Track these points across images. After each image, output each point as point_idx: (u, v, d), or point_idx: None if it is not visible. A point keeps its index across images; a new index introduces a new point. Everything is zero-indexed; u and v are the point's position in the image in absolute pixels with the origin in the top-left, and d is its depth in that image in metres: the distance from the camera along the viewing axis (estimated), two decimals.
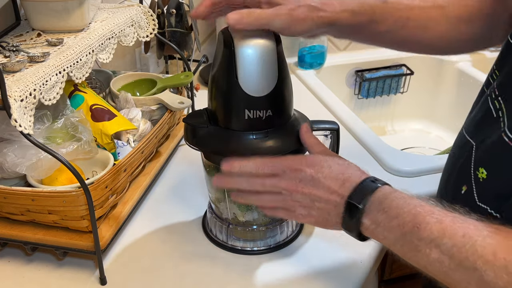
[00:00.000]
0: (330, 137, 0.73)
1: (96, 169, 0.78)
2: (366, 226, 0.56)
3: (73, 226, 0.69)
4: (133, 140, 0.84)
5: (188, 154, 0.95)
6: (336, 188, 0.58)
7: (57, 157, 0.61)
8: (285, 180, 0.60)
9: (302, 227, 0.78)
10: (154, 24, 0.90)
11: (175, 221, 0.80)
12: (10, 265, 0.72)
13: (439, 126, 1.43)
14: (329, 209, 0.59)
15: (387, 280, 1.01)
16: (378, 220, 0.54)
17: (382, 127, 1.47)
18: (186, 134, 0.70)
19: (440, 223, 0.50)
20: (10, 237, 0.71)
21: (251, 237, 0.74)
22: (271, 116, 0.65)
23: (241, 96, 0.63)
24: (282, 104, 0.67)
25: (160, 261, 0.72)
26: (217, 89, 0.66)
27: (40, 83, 0.62)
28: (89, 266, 0.71)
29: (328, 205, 0.58)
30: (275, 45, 0.63)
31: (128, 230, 0.78)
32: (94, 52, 0.75)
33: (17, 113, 0.57)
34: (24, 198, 0.66)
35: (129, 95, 0.89)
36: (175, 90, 0.96)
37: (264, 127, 0.66)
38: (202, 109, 0.71)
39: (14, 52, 0.69)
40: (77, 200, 0.65)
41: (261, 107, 0.64)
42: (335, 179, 0.59)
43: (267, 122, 0.65)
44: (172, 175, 0.91)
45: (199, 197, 0.85)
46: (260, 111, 0.64)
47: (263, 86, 0.64)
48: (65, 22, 0.76)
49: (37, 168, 0.69)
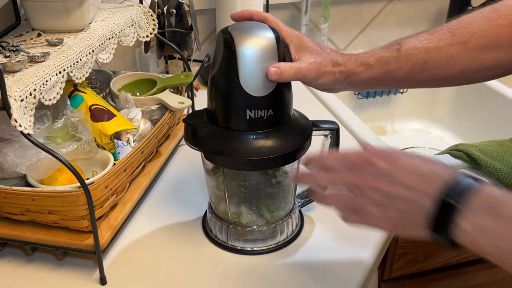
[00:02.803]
0: (330, 137, 0.73)
1: (96, 169, 0.78)
2: (466, 232, 0.47)
3: (73, 226, 0.69)
4: (133, 140, 0.84)
5: (188, 154, 0.95)
6: (416, 183, 0.51)
7: (57, 157, 0.61)
8: (357, 176, 0.54)
9: (302, 227, 0.78)
10: (154, 24, 0.90)
11: (175, 221, 0.80)
12: (10, 265, 0.72)
13: (439, 126, 1.43)
14: (412, 210, 0.51)
15: (387, 280, 1.01)
16: (485, 224, 0.46)
17: (382, 127, 1.47)
18: (186, 134, 0.70)
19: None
20: (10, 237, 0.71)
21: (251, 237, 0.74)
22: (272, 115, 0.65)
23: (243, 96, 0.63)
24: (283, 104, 0.67)
25: (160, 261, 0.72)
26: (218, 89, 0.66)
27: (40, 83, 0.62)
28: (89, 266, 0.71)
29: (410, 205, 0.51)
30: (276, 44, 0.64)
31: (128, 230, 0.78)
32: (94, 52, 0.75)
33: (17, 113, 0.57)
34: (24, 198, 0.66)
35: (129, 95, 0.89)
36: (175, 90, 0.96)
37: (265, 127, 0.66)
38: (202, 109, 0.71)
39: (14, 52, 0.69)
40: (77, 200, 0.65)
41: (262, 106, 0.64)
42: (415, 173, 0.51)
43: (267, 122, 0.65)
44: (172, 175, 0.91)
45: (199, 197, 0.85)
46: (261, 111, 0.64)
47: (264, 86, 0.64)
48: (65, 22, 0.76)
49: (37, 168, 0.69)
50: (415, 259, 1.00)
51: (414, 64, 0.69)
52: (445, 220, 0.48)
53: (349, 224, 0.58)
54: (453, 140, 1.36)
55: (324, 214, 0.80)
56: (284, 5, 1.34)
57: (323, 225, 0.78)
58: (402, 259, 0.99)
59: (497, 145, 0.92)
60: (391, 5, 1.44)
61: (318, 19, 1.28)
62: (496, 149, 0.90)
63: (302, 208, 0.80)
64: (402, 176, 0.51)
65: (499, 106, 1.26)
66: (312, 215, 0.80)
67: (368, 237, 0.76)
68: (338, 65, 0.68)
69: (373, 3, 1.43)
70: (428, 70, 0.69)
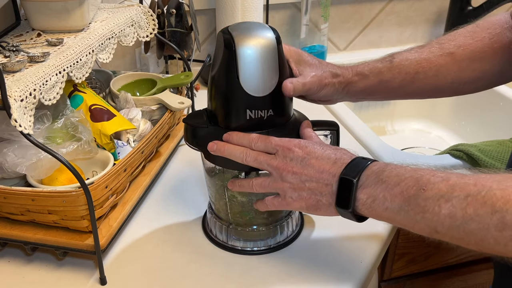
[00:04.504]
0: (330, 137, 0.73)
1: (96, 169, 0.78)
2: (363, 202, 0.56)
3: (73, 226, 0.69)
4: (133, 140, 0.84)
5: (188, 154, 0.95)
6: (327, 167, 0.59)
7: (57, 157, 0.61)
8: (276, 159, 0.61)
9: (302, 227, 0.78)
10: (154, 24, 0.90)
11: (175, 221, 0.80)
12: (10, 265, 0.72)
13: (439, 126, 1.43)
14: (321, 188, 0.59)
15: (387, 280, 1.01)
16: (376, 192, 0.54)
17: (382, 127, 1.47)
18: (186, 134, 0.70)
19: (447, 181, 0.50)
20: (10, 237, 0.71)
21: (251, 237, 0.74)
22: (272, 115, 0.65)
23: (243, 96, 0.63)
24: (283, 103, 0.67)
25: (160, 261, 0.72)
26: (218, 89, 0.66)
27: (40, 83, 0.62)
28: (89, 266, 0.71)
29: (319, 184, 0.59)
30: (276, 44, 0.64)
31: (128, 230, 0.78)
32: (94, 52, 0.75)
33: (17, 113, 0.57)
34: (24, 198, 0.66)
35: (129, 95, 0.89)
36: (175, 90, 0.96)
37: (265, 127, 0.66)
38: (202, 109, 0.71)
39: (14, 52, 0.69)
40: (77, 200, 0.65)
41: (263, 107, 0.64)
42: (326, 159, 0.60)
43: (268, 122, 0.65)
44: (172, 175, 0.91)
45: (199, 197, 0.85)
46: (261, 111, 0.64)
47: (264, 86, 0.64)
48: (65, 22, 0.76)
49: (37, 168, 0.69)
50: (415, 259, 1.00)
51: (406, 74, 0.73)
52: (346, 194, 0.56)
53: (270, 207, 0.65)
54: (453, 140, 1.36)
55: None
56: (284, 5, 1.33)
57: (323, 225, 0.78)
58: (402, 259, 0.99)
59: (497, 145, 0.92)
60: (391, 5, 1.44)
61: (318, 19, 1.28)
62: (496, 149, 0.91)
63: None
64: (315, 162, 0.60)
65: (499, 106, 1.26)
66: (312, 215, 0.80)
67: (368, 237, 0.76)
68: (337, 76, 0.73)
69: (373, 3, 1.43)
70: (420, 80, 0.74)
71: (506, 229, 0.45)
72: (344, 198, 0.57)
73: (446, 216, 0.49)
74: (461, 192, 0.48)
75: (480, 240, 0.47)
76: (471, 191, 0.47)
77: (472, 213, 0.47)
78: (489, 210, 0.46)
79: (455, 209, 0.48)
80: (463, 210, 0.47)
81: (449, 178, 0.50)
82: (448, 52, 0.73)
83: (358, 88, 0.74)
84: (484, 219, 0.46)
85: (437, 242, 0.53)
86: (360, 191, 0.56)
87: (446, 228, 0.49)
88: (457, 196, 0.48)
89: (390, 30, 1.47)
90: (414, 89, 0.75)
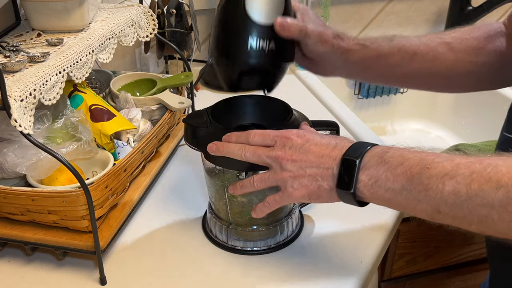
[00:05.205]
0: None
1: (96, 169, 0.78)
2: (365, 183, 0.55)
3: (73, 226, 0.69)
4: (133, 140, 0.84)
5: (188, 154, 0.95)
6: (327, 152, 0.58)
7: (57, 157, 0.61)
8: (275, 150, 0.61)
9: (302, 227, 0.78)
10: (154, 24, 0.90)
11: (175, 221, 0.80)
12: (10, 265, 0.72)
13: (439, 126, 1.43)
14: (321, 173, 0.58)
15: (387, 280, 1.01)
16: (379, 173, 0.54)
17: (382, 127, 1.47)
18: (186, 134, 0.70)
19: (452, 160, 0.49)
20: (10, 237, 0.71)
21: (251, 237, 0.74)
22: (274, 51, 0.65)
23: (247, 21, 0.63)
24: (286, 40, 0.66)
25: (160, 261, 0.72)
26: (223, 15, 0.66)
27: (40, 83, 0.62)
28: (89, 266, 0.71)
29: (320, 170, 0.58)
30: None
31: (128, 230, 0.78)
32: (94, 52, 0.75)
33: (17, 113, 0.57)
34: (24, 198, 0.66)
35: (129, 95, 0.89)
36: (175, 90, 0.96)
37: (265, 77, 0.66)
38: (202, 109, 0.71)
39: (14, 52, 0.69)
40: (77, 200, 0.65)
41: (264, 35, 0.64)
42: (326, 145, 0.59)
43: (268, 59, 0.65)
44: (172, 175, 0.91)
45: (199, 197, 0.85)
46: (263, 41, 0.64)
47: (268, 13, 0.63)
48: (65, 22, 0.76)
49: (37, 168, 0.69)
50: (415, 259, 1.00)
51: (405, 53, 0.75)
52: (348, 175, 0.55)
53: (272, 205, 0.64)
54: (453, 140, 1.36)
55: (324, 214, 0.80)
56: None
57: (323, 225, 0.78)
58: (402, 259, 0.99)
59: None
60: (391, 5, 1.44)
61: None
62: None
63: (302, 208, 0.81)
64: (314, 148, 0.59)
65: (499, 106, 1.26)
66: (312, 215, 0.80)
67: (368, 237, 0.76)
68: (338, 37, 0.73)
69: (373, 3, 1.43)
70: (417, 62, 0.75)
71: (510, 204, 0.44)
72: (345, 180, 0.56)
73: (450, 193, 0.48)
74: (466, 170, 0.47)
75: (484, 216, 0.46)
76: (476, 168, 0.47)
77: (477, 189, 0.46)
78: (494, 185, 0.45)
79: (459, 186, 0.47)
80: (467, 186, 0.47)
81: (453, 158, 0.49)
82: (446, 41, 0.75)
83: (356, 58, 0.74)
84: (489, 194, 0.45)
85: (437, 242, 0.53)
86: (362, 172, 0.55)
87: (449, 206, 0.48)
88: (462, 174, 0.47)
89: (390, 30, 1.47)
90: (410, 70, 0.76)
